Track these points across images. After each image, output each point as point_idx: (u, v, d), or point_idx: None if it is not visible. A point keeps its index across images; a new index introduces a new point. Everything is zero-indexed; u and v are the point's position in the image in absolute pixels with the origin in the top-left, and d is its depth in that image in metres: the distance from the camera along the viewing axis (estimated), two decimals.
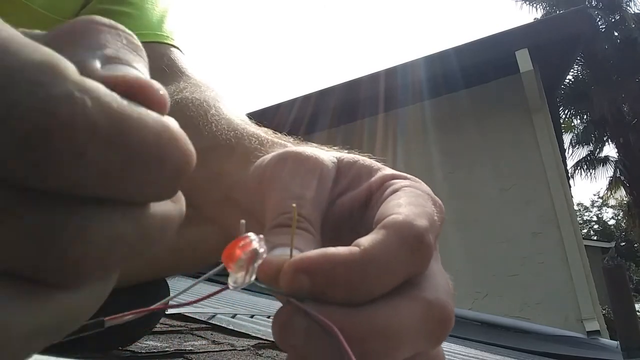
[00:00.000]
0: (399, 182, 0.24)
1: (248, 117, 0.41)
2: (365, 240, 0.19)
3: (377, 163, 0.27)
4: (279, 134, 0.35)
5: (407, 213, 0.20)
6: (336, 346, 0.17)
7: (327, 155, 0.28)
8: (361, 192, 0.25)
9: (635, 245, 18.08)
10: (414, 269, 0.19)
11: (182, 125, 0.14)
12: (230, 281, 0.18)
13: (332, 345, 0.17)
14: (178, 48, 0.55)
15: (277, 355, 0.79)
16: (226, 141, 0.35)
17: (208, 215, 0.38)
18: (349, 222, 0.25)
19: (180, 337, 0.82)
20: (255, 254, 0.17)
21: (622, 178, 11.96)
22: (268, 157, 0.29)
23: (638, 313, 3.17)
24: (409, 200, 0.21)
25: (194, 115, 0.38)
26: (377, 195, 0.24)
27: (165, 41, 0.54)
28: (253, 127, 0.37)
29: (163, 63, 0.50)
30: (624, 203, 14.99)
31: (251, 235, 0.18)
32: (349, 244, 0.19)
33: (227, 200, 0.33)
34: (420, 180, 0.25)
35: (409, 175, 0.25)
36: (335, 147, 0.30)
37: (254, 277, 0.18)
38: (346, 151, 0.29)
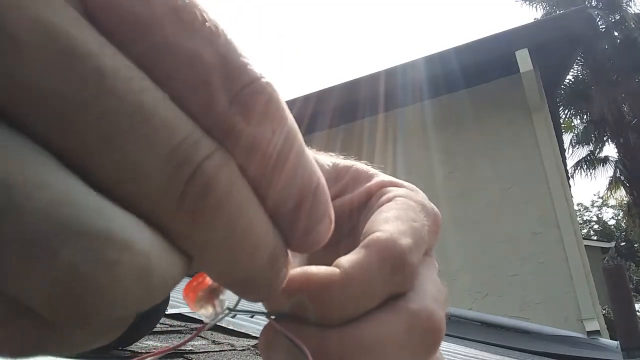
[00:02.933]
0: (393, 191, 0.24)
1: None
2: (346, 261, 0.18)
3: (374, 169, 0.27)
4: None
5: (392, 231, 0.19)
6: None
7: (324, 158, 0.28)
8: (357, 195, 0.25)
9: (635, 245, 18.09)
10: (395, 289, 0.19)
11: None
12: (203, 318, 0.18)
13: None
14: None
15: None
16: None
17: None
18: (347, 224, 0.25)
19: (180, 337, 0.82)
20: (213, 289, 0.17)
21: (622, 178, 11.97)
22: None
23: (638, 313, 3.17)
24: (397, 214, 0.21)
25: None
26: (372, 202, 0.24)
27: None
28: None
29: None
30: (624, 203, 14.99)
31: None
32: (346, 247, 0.19)
33: None
34: (416, 188, 0.24)
35: (405, 183, 0.25)
36: (332, 153, 0.30)
37: (225, 307, 0.18)
38: (343, 157, 0.29)
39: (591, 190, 42.41)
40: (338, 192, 0.26)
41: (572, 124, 12.82)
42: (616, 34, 11.31)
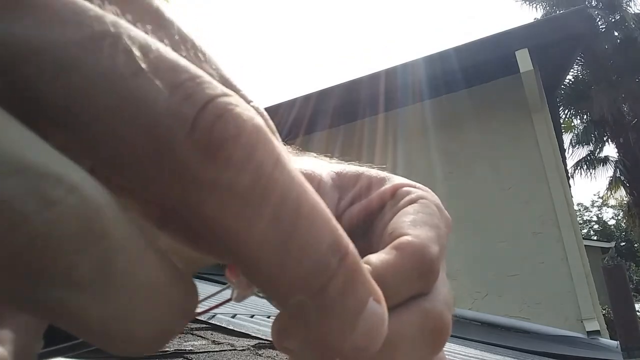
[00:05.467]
0: (415, 192, 0.24)
1: None
2: (377, 260, 0.19)
3: (383, 172, 0.27)
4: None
5: (423, 237, 0.20)
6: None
7: (326, 168, 0.27)
8: (372, 200, 0.25)
9: (635, 245, 18.09)
10: (418, 291, 0.19)
11: None
12: (233, 294, 0.18)
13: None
14: None
15: (277, 355, 0.80)
16: None
17: None
18: (361, 228, 0.25)
19: (180, 337, 0.82)
20: None
21: (622, 178, 11.97)
22: None
23: (638, 313, 3.17)
24: (424, 219, 0.21)
25: None
26: (391, 203, 0.24)
27: None
28: None
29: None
30: (624, 203, 14.99)
31: None
32: (359, 250, 0.19)
33: None
34: (431, 191, 0.25)
35: (420, 185, 0.25)
36: (333, 158, 0.30)
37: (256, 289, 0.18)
38: (347, 163, 0.29)
39: (591, 190, 42.42)
40: (350, 202, 0.26)
41: (572, 124, 12.81)
42: (616, 34, 11.31)
